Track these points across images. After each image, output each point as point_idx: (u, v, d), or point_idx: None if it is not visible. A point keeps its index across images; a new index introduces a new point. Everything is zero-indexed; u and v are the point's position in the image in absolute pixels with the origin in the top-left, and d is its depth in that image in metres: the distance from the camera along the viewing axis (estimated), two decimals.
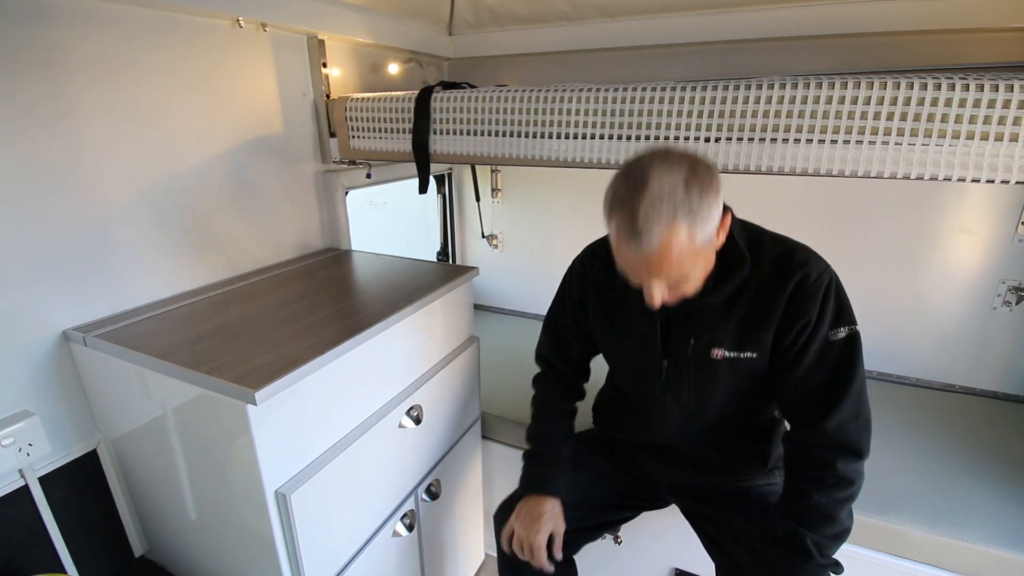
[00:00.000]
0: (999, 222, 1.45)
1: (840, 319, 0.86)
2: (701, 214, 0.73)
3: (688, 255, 0.75)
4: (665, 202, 0.71)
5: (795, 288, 0.85)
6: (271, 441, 0.83)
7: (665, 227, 0.71)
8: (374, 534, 1.10)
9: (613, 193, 0.77)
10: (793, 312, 0.85)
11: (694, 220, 0.73)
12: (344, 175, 1.52)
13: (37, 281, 0.91)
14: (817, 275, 0.85)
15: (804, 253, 0.88)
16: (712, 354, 0.92)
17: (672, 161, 0.74)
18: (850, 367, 0.85)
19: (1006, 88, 0.79)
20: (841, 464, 0.85)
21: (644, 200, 0.72)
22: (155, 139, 1.06)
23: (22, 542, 0.92)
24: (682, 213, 0.72)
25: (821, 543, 0.86)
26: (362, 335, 0.96)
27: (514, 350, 1.92)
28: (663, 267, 0.75)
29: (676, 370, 0.96)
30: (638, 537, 1.36)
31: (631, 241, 0.74)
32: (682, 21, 1.52)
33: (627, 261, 0.78)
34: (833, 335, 0.86)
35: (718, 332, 0.91)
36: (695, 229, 0.73)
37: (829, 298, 0.85)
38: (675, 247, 0.73)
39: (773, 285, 0.86)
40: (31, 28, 0.86)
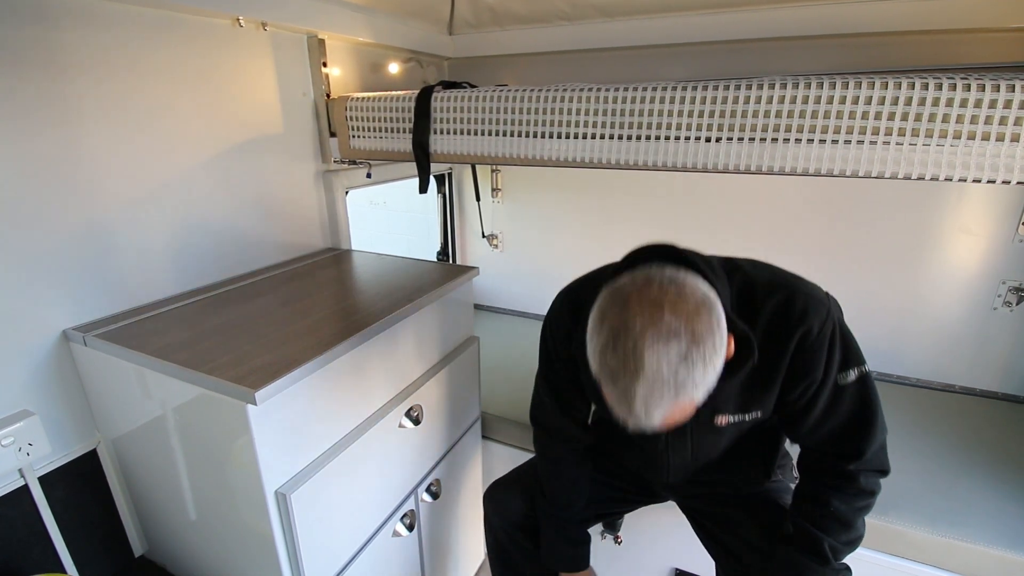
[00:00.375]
0: (999, 222, 1.45)
1: (848, 362, 0.81)
2: (707, 382, 0.65)
3: (691, 409, 0.67)
4: (668, 386, 0.62)
5: (798, 346, 0.79)
6: (271, 441, 0.82)
7: (669, 406, 0.64)
8: (374, 534, 1.10)
9: (601, 358, 0.66)
10: (798, 371, 0.80)
11: (699, 389, 0.64)
12: (344, 175, 1.52)
13: (37, 280, 0.91)
14: (819, 327, 0.78)
15: (802, 301, 0.79)
16: (716, 421, 0.88)
17: (668, 329, 0.61)
18: (865, 408, 0.82)
19: (1006, 88, 0.79)
20: (864, 479, 0.84)
21: (640, 385, 0.62)
22: (155, 138, 1.06)
23: (22, 542, 0.92)
24: (685, 390, 0.63)
25: (837, 548, 0.86)
26: (362, 335, 0.96)
27: (514, 350, 1.92)
28: (665, 427, 0.68)
29: (678, 436, 0.93)
30: (638, 537, 1.36)
31: (627, 420, 0.66)
32: (682, 21, 1.52)
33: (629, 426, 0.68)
34: (842, 379, 0.81)
35: (720, 400, 0.83)
36: (700, 394, 0.65)
37: (834, 349, 0.80)
38: (680, 414, 0.66)
39: (774, 344, 0.79)
40: (33, 28, 0.86)
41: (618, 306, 0.65)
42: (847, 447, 0.84)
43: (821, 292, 0.82)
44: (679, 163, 1.04)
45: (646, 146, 1.05)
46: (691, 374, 0.62)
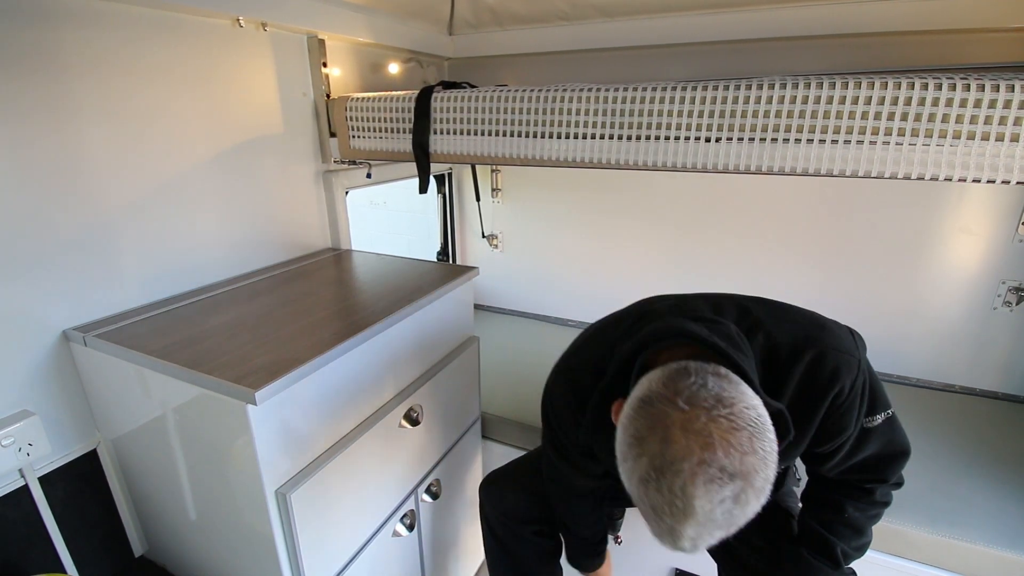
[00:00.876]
0: (999, 222, 1.45)
1: (875, 408, 0.79)
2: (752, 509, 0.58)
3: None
4: (717, 527, 0.57)
5: (830, 406, 0.75)
6: (271, 441, 0.82)
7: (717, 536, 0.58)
8: (374, 534, 1.10)
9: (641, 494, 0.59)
10: (831, 428, 0.77)
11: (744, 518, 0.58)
12: (344, 175, 1.52)
13: (37, 281, 0.91)
14: (851, 384, 0.74)
15: (832, 360, 0.74)
16: None
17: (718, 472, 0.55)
18: (891, 446, 0.82)
19: (1006, 88, 0.79)
20: (880, 491, 0.85)
21: (690, 526, 0.56)
22: (155, 139, 1.06)
23: (22, 542, 0.92)
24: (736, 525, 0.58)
25: (848, 554, 0.87)
26: (362, 335, 0.96)
27: (514, 350, 1.92)
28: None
29: None
30: (638, 537, 1.36)
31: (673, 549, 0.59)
32: (682, 21, 1.52)
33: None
34: (869, 423, 0.79)
35: None
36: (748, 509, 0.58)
37: (864, 400, 0.77)
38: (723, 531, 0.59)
39: (805, 408, 0.75)
40: (32, 29, 0.86)
41: (658, 435, 0.58)
42: (869, 476, 0.84)
43: (848, 341, 0.77)
44: (679, 163, 1.03)
45: (646, 146, 1.05)
46: (744, 511, 0.57)
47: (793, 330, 0.77)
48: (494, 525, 1.19)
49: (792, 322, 0.79)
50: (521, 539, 1.16)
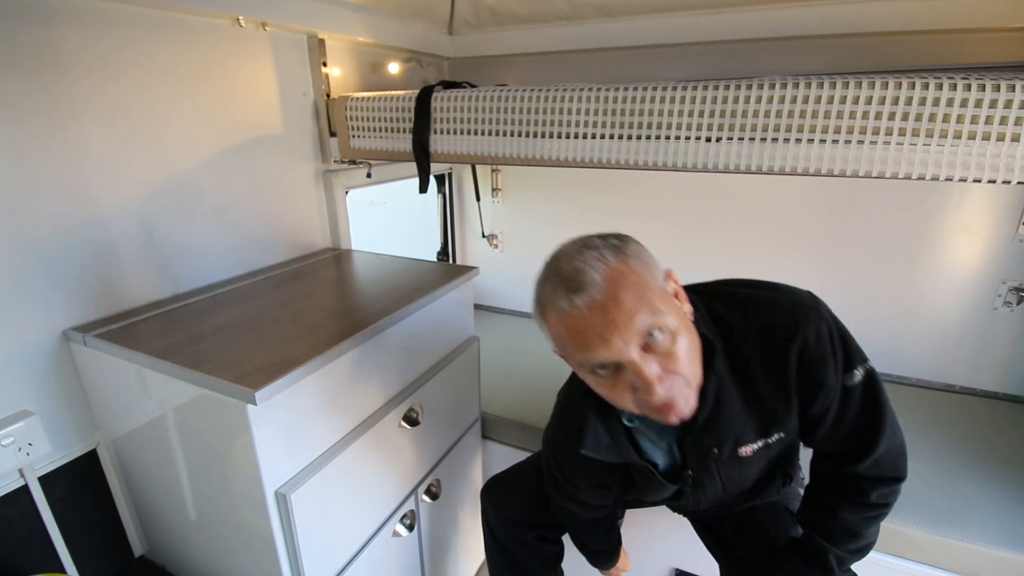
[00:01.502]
0: (1000, 222, 1.45)
1: (852, 362, 0.76)
2: (630, 251, 0.67)
3: (645, 291, 0.65)
4: (585, 249, 0.67)
5: (799, 360, 0.74)
6: (271, 441, 0.82)
7: (599, 264, 0.65)
8: (374, 534, 1.10)
9: (539, 289, 0.71)
10: (809, 385, 0.75)
11: (625, 254, 0.66)
12: (344, 175, 1.52)
13: (37, 281, 0.91)
14: (816, 335, 0.73)
15: (787, 314, 0.75)
16: (740, 452, 0.82)
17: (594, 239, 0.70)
18: (877, 408, 0.78)
19: (1007, 88, 0.79)
20: (876, 492, 0.80)
21: (562, 259, 0.67)
22: (154, 138, 1.06)
23: (22, 542, 0.92)
24: (608, 251, 0.66)
25: (843, 558, 0.85)
26: (362, 335, 0.96)
27: (514, 350, 1.92)
28: (622, 308, 0.63)
29: (703, 474, 0.86)
30: (638, 537, 1.36)
31: (572, 297, 0.64)
32: (682, 21, 1.52)
33: (584, 330, 0.65)
34: (849, 380, 0.76)
35: (742, 432, 0.80)
36: (632, 262, 0.66)
37: (836, 350, 0.75)
38: (621, 280, 0.64)
39: (774, 361, 0.75)
40: (32, 29, 0.86)
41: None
42: (856, 446, 0.79)
43: (804, 296, 0.78)
44: (679, 163, 1.03)
45: (646, 146, 1.05)
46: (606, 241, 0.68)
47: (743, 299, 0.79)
48: (496, 530, 1.18)
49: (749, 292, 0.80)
50: (523, 544, 1.16)
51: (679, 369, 0.68)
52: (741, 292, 0.80)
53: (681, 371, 0.68)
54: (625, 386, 0.68)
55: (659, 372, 0.66)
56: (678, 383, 0.68)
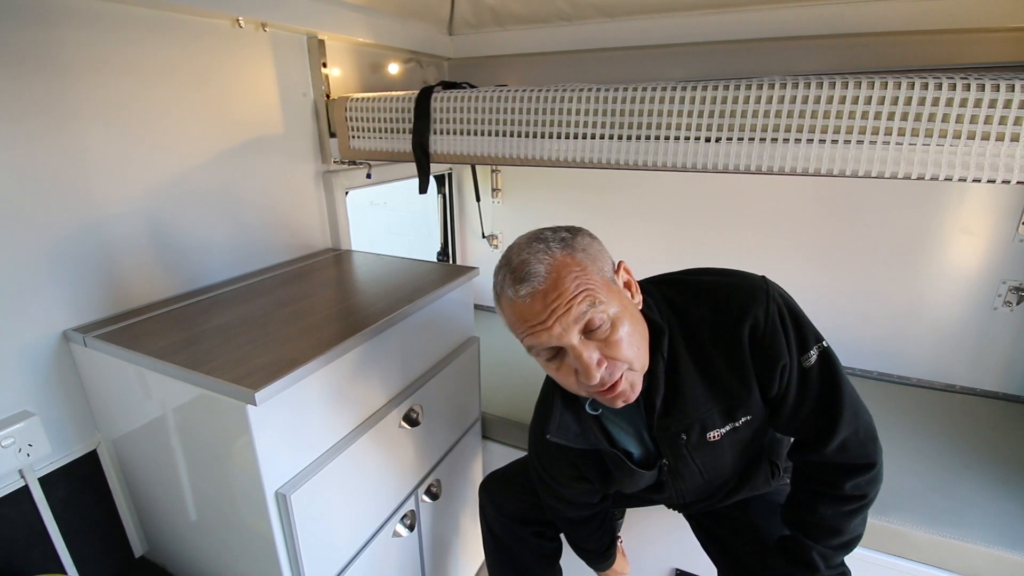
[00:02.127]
0: (1000, 222, 1.45)
1: (805, 342, 0.77)
2: (579, 245, 0.71)
3: (585, 282, 0.68)
4: (535, 242, 0.72)
5: (751, 338, 0.76)
6: (271, 441, 0.82)
7: (544, 256, 0.69)
8: (374, 534, 1.10)
9: (494, 278, 0.75)
10: (765, 362, 0.77)
11: (573, 248, 0.71)
12: (344, 175, 1.52)
13: (37, 281, 0.91)
14: (764, 313, 0.75)
15: (737, 294, 0.78)
16: (709, 437, 0.84)
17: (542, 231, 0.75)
18: (834, 387, 0.78)
19: (1007, 88, 0.79)
20: (850, 483, 0.80)
21: (513, 251, 0.73)
22: (154, 139, 1.06)
23: (22, 542, 0.92)
24: (556, 245, 0.71)
25: (827, 554, 0.84)
26: (362, 335, 0.96)
27: (514, 350, 1.91)
28: (560, 297, 0.67)
29: (679, 462, 0.88)
30: (638, 537, 1.36)
31: (517, 287, 0.69)
32: (682, 21, 1.52)
33: (526, 316, 0.69)
34: (806, 361, 0.77)
35: (706, 415, 0.82)
36: (578, 256, 0.70)
37: (788, 327, 0.76)
38: (563, 272, 0.68)
39: (729, 345, 0.77)
40: (32, 29, 0.86)
41: None
42: (819, 428, 0.79)
43: (756, 279, 0.80)
44: (679, 163, 1.03)
45: (646, 146, 1.05)
46: (556, 234, 0.72)
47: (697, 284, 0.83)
48: (494, 526, 1.19)
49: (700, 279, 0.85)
50: (521, 540, 1.16)
51: (619, 355, 0.70)
52: (696, 279, 0.84)
53: (622, 356, 0.71)
54: (569, 370, 0.72)
55: (598, 357, 0.70)
56: (619, 368, 0.71)
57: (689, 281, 0.84)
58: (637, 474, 0.88)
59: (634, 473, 0.88)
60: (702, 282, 0.83)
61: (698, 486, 0.94)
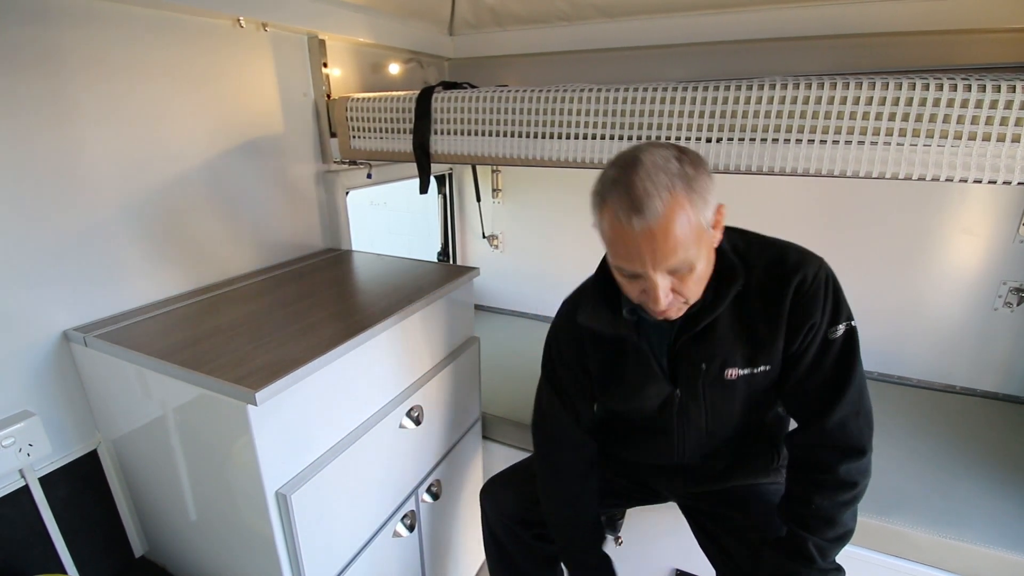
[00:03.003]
0: (1000, 223, 1.45)
1: (838, 316, 0.84)
2: (697, 187, 0.72)
3: (691, 232, 0.72)
4: (662, 172, 0.70)
5: (795, 292, 0.83)
6: (271, 441, 0.83)
7: (666, 195, 0.69)
8: (375, 534, 1.10)
9: (602, 180, 0.76)
10: (799, 317, 0.83)
11: (692, 190, 0.71)
12: (345, 175, 1.52)
13: (37, 281, 0.91)
14: (814, 274, 0.83)
15: (796, 254, 0.86)
16: (727, 375, 0.89)
17: (659, 144, 0.76)
18: (849, 364, 0.84)
19: (1007, 88, 0.79)
20: (843, 467, 0.84)
21: (639, 173, 0.70)
22: (155, 139, 1.06)
23: (22, 542, 0.92)
24: (680, 183, 0.70)
25: (823, 547, 0.86)
26: (362, 335, 0.96)
27: (515, 350, 1.92)
28: (668, 243, 0.71)
29: (690, 395, 0.93)
30: (638, 537, 1.36)
31: (631, 216, 0.70)
32: (682, 21, 1.52)
33: (629, 246, 0.73)
34: (832, 333, 0.84)
35: (729, 352, 0.88)
36: (695, 200, 0.71)
37: (829, 295, 0.84)
38: (678, 218, 0.70)
39: (772, 294, 0.84)
40: (31, 28, 0.86)
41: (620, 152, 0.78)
42: (824, 397, 0.85)
43: (812, 252, 0.87)
44: None
45: None
46: (683, 168, 0.71)
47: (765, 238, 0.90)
48: (495, 529, 1.18)
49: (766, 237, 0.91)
50: (522, 543, 1.16)
51: (685, 291, 0.78)
52: (760, 235, 0.91)
53: (686, 293, 0.78)
54: (639, 286, 0.78)
55: (667, 288, 0.76)
56: (679, 300, 0.79)
57: (754, 234, 0.91)
58: (653, 375, 0.93)
59: (650, 372, 0.92)
60: (765, 238, 0.90)
61: (700, 437, 0.98)
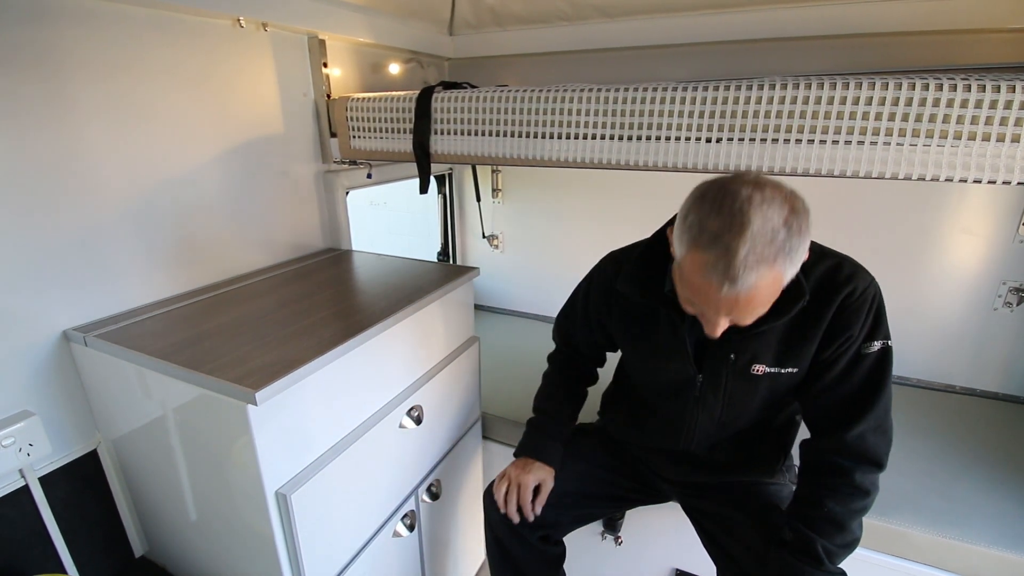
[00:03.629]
0: (1000, 223, 1.45)
1: (876, 332, 0.85)
2: (796, 257, 0.69)
3: (774, 294, 0.72)
4: (769, 246, 0.65)
5: (842, 303, 0.83)
6: (271, 441, 0.83)
7: (765, 270, 0.66)
8: (375, 534, 1.10)
9: (700, 225, 0.69)
10: (838, 327, 0.84)
11: (789, 263, 0.69)
12: (345, 175, 1.52)
13: (37, 281, 0.91)
14: (863, 288, 0.84)
15: (850, 267, 0.86)
16: (753, 370, 0.90)
17: (771, 196, 0.67)
18: (879, 381, 0.85)
19: (1007, 88, 0.79)
20: (859, 474, 0.84)
21: (745, 241, 0.65)
22: (155, 139, 1.06)
23: (22, 542, 0.92)
24: (782, 258, 0.67)
25: (831, 551, 0.86)
26: (362, 335, 0.96)
27: (515, 350, 1.92)
28: (747, 310, 0.71)
29: (712, 383, 0.94)
30: (638, 537, 1.36)
31: (721, 283, 0.67)
32: (682, 21, 1.52)
33: (706, 299, 0.73)
34: (867, 348, 0.84)
35: (761, 348, 0.89)
36: (787, 272, 0.70)
37: (871, 312, 0.84)
38: (765, 292, 0.69)
39: (820, 301, 0.84)
40: (30, 28, 0.86)
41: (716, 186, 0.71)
42: (849, 410, 0.85)
43: (869, 273, 0.87)
44: (679, 164, 1.04)
45: (646, 146, 1.05)
46: (789, 240, 0.67)
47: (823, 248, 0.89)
48: (499, 532, 1.16)
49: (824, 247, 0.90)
50: (527, 546, 1.15)
51: (741, 323, 0.76)
52: (819, 244, 0.89)
53: (742, 324, 0.77)
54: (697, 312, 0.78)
55: (727, 324, 0.76)
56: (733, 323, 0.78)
57: (815, 243, 0.87)
58: (680, 351, 0.93)
59: (679, 347, 0.93)
60: (825, 249, 0.89)
61: (711, 427, 0.98)
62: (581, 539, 1.28)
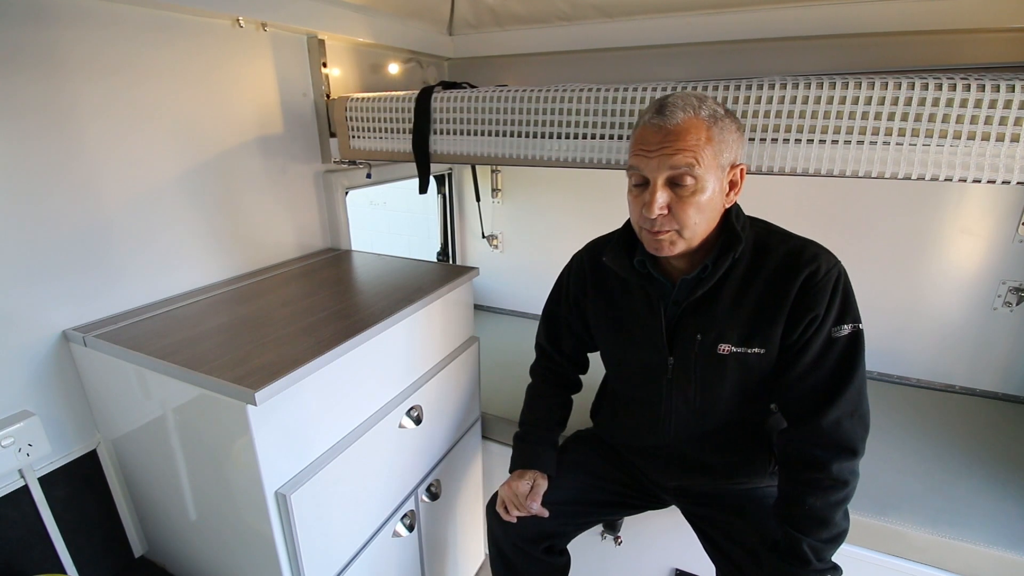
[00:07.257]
0: (999, 223, 1.45)
1: (845, 315, 0.85)
2: (720, 125, 0.79)
3: (700, 147, 0.78)
4: (694, 98, 0.80)
5: (805, 281, 0.85)
6: (271, 441, 0.83)
7: (690, 111, 0.78)
8: (374, 534, 1.10)
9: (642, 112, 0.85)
10: (802, 306, 0.85)
11: (714, 123, 0.79)
12: (344, 175, 1.52)
13: (37, 281, 0.91)
14: (827, 269, 0.85)
15: (815, 248, 0.88)
16: (719, 349, 0.91)
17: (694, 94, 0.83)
18: (850, 365, 0.85)
19: (1007, 88, 0.79)
20: (835, 465, 0.84)
21: (674, 96, 0.81)
22: (154, 139, 1.06)
23: (22, 542, 0.92)
24: (705, 111, 0.79)
25: (818, 547, 0.85)
26: (362, 335, 0.96)
27: (514, 350, 1.92)
28: (676, 142, 0.78)
29: (682, 366, 0.96)
30: (638, 537, 1.36)
31: (653, 117, 0.80)
32: (682, 21, 1.52)
33: (642, 140, 0.81)
34: (837, 331, 0.85)
35: (725, 327, 0.90)
36: (714, 132, 0.78)
37: (837, 293, 0.85)
38: (693, 128, 0.77)
39: (783, 279, 0.86)
40: (30, 28, 0.86)
41: None
42: (822, 396, 0.86)
43: (835, 256, 0.89)
44: None
45: None
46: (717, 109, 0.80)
47: (791, 233, 0.93)
48: (503, 547, 1.15)
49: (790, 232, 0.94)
50: (532, 560, 1.14)
51: (679, 214, 0.82)
52: (787, 230, 0.94)
53: (680, 216, 0.82)
54: (641, 201, 0.84)
55: (665, 203, 0.81)
56: (670, 224, 0.83)
57: (781, 228, 0.94)
58: (654, 330, 0.96)
59: (653, 326, 0.96)
60: (791, 233, 0.93)
61: (688, 416, 0.99)
62: (581, 539, 1.28)
